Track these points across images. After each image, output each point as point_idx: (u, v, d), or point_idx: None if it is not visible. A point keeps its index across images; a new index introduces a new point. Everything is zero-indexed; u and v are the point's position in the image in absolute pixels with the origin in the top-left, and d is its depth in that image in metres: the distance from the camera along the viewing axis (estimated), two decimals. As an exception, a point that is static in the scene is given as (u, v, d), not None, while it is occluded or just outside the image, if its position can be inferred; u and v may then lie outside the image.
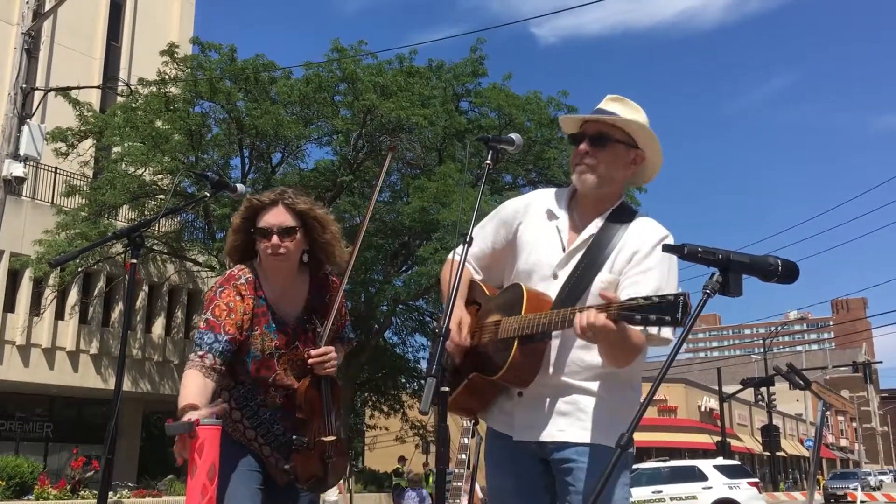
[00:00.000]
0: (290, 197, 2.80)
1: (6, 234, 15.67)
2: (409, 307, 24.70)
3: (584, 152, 2.50)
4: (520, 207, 2.65)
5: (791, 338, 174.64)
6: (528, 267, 2.53)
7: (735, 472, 21.25)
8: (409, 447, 29.95)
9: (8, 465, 15.05)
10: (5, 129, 13.40)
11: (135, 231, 3.07)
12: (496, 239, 2.66)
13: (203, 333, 2.66)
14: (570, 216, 2.56)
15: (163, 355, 22.20)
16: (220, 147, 20.51)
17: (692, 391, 44.96)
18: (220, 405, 2.62)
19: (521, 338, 2.34)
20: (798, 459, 62.20)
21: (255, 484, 2.75)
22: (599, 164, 2.48)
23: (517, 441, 2.49)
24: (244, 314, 2.70)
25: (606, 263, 2.43)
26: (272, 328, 2.75)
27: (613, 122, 2.52)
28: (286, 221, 2.75)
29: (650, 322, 2.00)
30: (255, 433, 2.78)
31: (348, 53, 20.35)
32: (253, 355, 2.72)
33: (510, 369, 2.35)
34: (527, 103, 21.67)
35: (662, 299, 1.98)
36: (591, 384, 2.43)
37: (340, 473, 2.91)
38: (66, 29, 23.46)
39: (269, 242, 2.73)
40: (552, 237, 2.54)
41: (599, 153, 2.49)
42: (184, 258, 21.43)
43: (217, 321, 2.67)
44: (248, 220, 2.80)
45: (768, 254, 2.00)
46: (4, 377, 19.03)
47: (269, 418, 2.79)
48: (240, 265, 2.85)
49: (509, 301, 2.47)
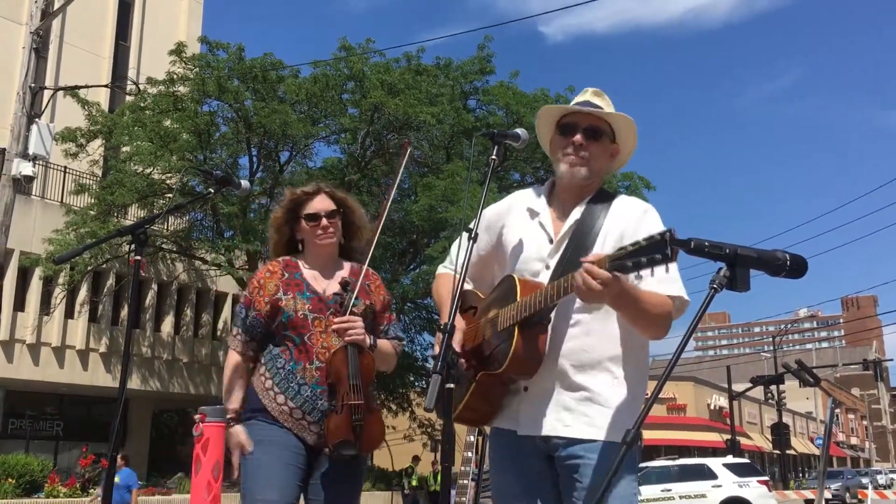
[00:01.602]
0: (329, 187, 3.21)
1: (16, 233, 15.72)
2: (418, 305, 24.70)
3: (579, 144, 2.52)
4: (501, 211, 2.68)
5: (801, 335, 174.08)
6: (519, 266, 2.53)
7: (745, 470, 21.17)
8: (417, 445, 29.97)
9: (18, 463, 15.14)
10: (14, 129, 13.44)
11: (139, 228, 3.09)
12: (480, 245, 2.63)
13: (240, 307, 3.12)
14: (553, 208, 2.59)
15: (172, 354, 22.26)
16: (229, 146, 20.55)
17: (701, 389, 44.80)
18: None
19: (521, 323, 2.33)
20: (808, 458, 61.97)
21: (292, 478, 2.93)
22: (592, 158, 2.52)
23: (522, 437, 2.46)
24: (275, 286, 3.05)
25: (595, 246, 2.44)
26: (305, 295, 3.04)
27: (610, 116, 2.55)
28: (330, 206, 3.14)
29: (642, 265, 1.98)
30: (301, 413, 2.97)
31: (356, 52, 20.35)
32: (287, 315, 3.02)
33: (514, 359, 2.33)
34: (534, 101, 21.62)
35: (648, 240, 1.96)
36: (596, 378, 2.41)
37: (375, 440, 3.01)
38: (74, 28, 23.55)
39: (319, 224, 3.09)
40: (537, 233, 2.55)
41: (593, 146, 2.52)
42: (192, 257, 21.48)
43: (249, 296, 3.10)
44: (291, 212, 3.14)
45: (776, 248, 1.97)
46: (15, 375, 19.12)
47: (311, 395, 2.97)
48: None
49: (503, 293, 2.47)
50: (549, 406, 2.42)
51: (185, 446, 26.32)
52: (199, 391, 22.85)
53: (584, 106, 2.56)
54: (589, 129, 2.53)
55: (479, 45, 21.95)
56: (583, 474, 2.35)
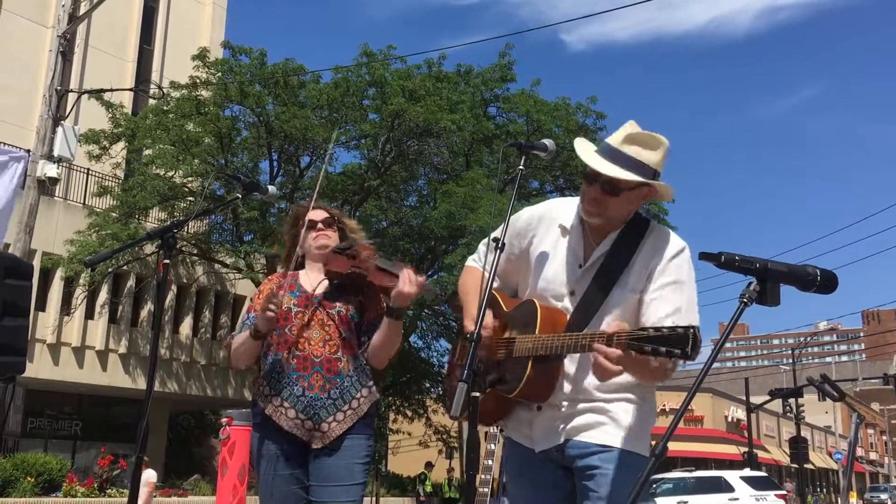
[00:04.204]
0: (325, 206, 3.49)
1: (39, 234, 15.87)
2: (435, 311, 24.69)
3: (592, 198, 2.42)
4: (533, 219, 2.63)
5: (820, 349, 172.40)
6: (543, 285, 2.52)
7: (762, 483, 20.98)
8: (432, 452, 29.94)
9: (37, 463, 15.26)
10: (40, 131, 13.60)
11: (168, 232, 3.12)
12: (510, 248, 2.62)
13: (243, 315, 3.37)
14: (583, 232, 2.52)
15: (190, 356, 22.37)
16: (250, 150, 20.67)
17: (719, 401, 44.47)
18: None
19: (535, 358, 2.36)
20: (826, 472, 61.32)
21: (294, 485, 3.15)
22: (608, 210, 2.43)
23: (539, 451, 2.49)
24: (270, 289, 3.25)
25: (620, 279, 2.42)
26: (294, 294, 3.25)
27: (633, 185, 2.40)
28: (325, 215, 3.40)
29: (660, 353, 2.00)
30: (295, 412, 3.09)
31: (377, 58, 20.42)
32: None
33: (525, 387, 2.36)
34: (555, 109, 21.61)
35: (672, 331, 1.98)
36: (610, 395, 2.43)
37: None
38: (99, 32, 23.81)
39: (317, 232, 3.33)
40: (565, 255, 2.52)
41: (611, 201, 2.41)
42: (212, 260, 21.60)
43: (252, 303, 3.37)
44: (294, 227, 3.40)
45: (806, 262, 1.97)
46: (35, 375, 19.28)
47: (288, 382, 3.11)
48: None
49: (523, 317, 2.47)
50: (562, 420, 2.44)
51: (201, 448, 26.45)
52: (216, 394, 22.95)
53: (611, 154, 2.40)
54: (608, 182, 2.39)
55: (500, 52, 21.98)
56: (599, 484, 2.35)
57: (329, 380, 3.10)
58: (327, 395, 3.09)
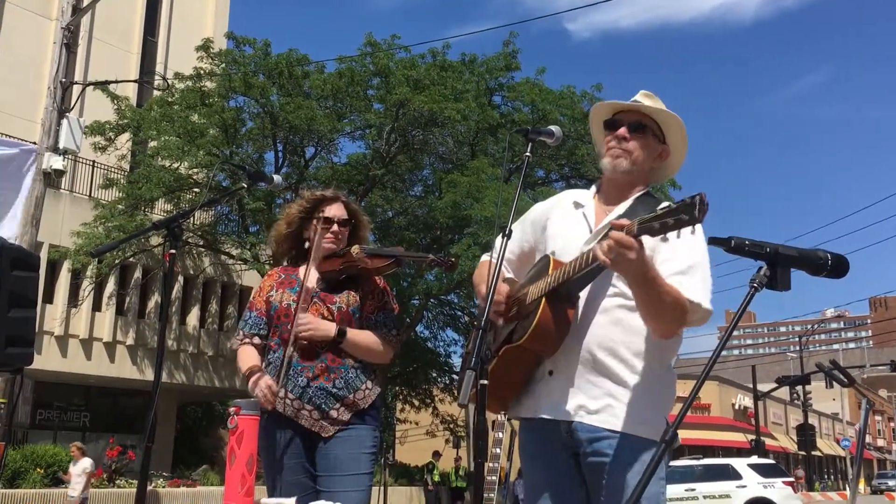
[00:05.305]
0: (346, 198, 3.44)
1: (45, 226, 15.89)
2: (441, 301, 24.71)
3: (622, 136, 2.53)
4: (547, 207, 2.74)
5: (828, 336, 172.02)
6: (557, 250, 2.55)
7: (770, 471, 20.98)
8: (439, 441, 30.02)
9: (46, 454, 15.36)
10: (45, 123, 13.59)
11: (174, 222, 3.12)
12: (525, 238, 2.72)
13: (245, 312, 3.38)
14: (598, 202, 2.61)
15: (197, 347, 22.43)
16: (255, 141, 20.65)
17: (726, 389, 44.48)
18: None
19: (548, 295, 2.34)
20: (834, 459, 61.31)
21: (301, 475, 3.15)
22: (635, 151, 2.52)
23: (549, 430, 2.45)
24: (270, 286, 3.31)
25: None
26: (293, 289, 3.25)
27: (656, 112, 2.55)
28: (344, 215, 3.34)
29: (668, 226, 1.98)
30: (300, 403, 3.10)
31: (381, 47, 20.35)
32: (275, 306, 3.26)
33: (536, 330, 2.33)
34: (560, 98, 21.50)
35: (679, 203, 1.95)
36: (621, 370, 2.40)
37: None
38: (103, 24, 23.77)
39: (331, 228, 3.27)
40: (579, 222, 2.58)
41: (637, 139, 2.53)
42: (218, 251, 21.63)
43: (252, 300, 3.36)
44: (308, 210, 3.32)
45: (817, 247, 1.95)
46: (43, 367, 19.36)
47: (304, 380, 3.11)
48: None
49: (537, 272, 2.51)
50: (573, 391, 2.42)
51: (209, 439, 26.56)
52: (223, 384, 23.02)
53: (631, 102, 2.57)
54: (633, 123, 2.54)
55: (504, 41, 21.86)
56: (609, 472, 2.35)
57: (333, 370, 3.10)
58: (332, 385, 3.09)
